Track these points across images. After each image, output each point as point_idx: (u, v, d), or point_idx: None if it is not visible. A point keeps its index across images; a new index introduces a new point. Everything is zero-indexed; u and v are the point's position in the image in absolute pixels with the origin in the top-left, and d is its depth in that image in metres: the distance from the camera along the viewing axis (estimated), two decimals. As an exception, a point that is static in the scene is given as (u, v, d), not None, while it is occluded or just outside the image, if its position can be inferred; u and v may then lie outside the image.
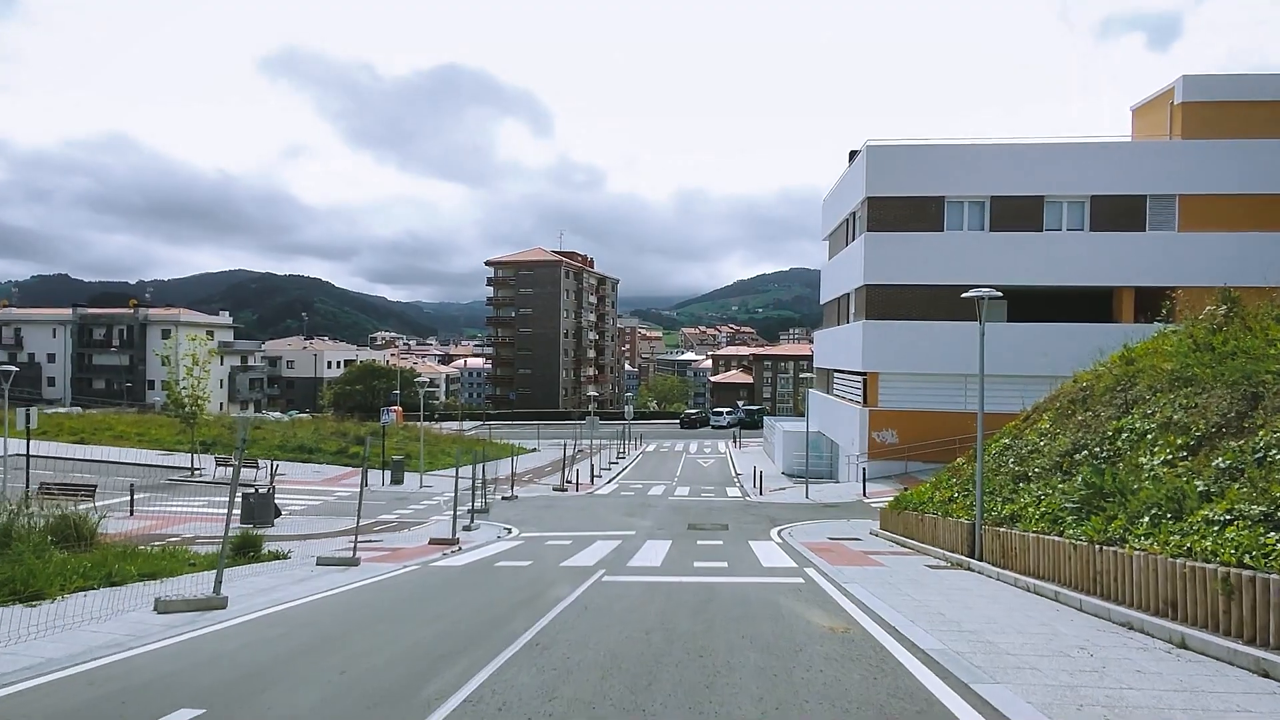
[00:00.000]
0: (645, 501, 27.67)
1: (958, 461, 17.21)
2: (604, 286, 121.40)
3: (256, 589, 9.83)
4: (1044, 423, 14.52)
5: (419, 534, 19.33)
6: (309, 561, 12.95)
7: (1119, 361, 13.62)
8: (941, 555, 13.42)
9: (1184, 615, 6.97)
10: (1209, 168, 29.25)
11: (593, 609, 8.68)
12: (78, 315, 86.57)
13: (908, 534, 16.28)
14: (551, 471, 39.58)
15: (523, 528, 20.99)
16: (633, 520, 22.08)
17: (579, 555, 14.49)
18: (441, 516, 22.76)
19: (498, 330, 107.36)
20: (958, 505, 13.94)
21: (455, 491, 18.46)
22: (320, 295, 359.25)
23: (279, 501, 25.11)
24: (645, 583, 10.90)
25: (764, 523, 21.47)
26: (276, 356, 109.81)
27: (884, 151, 31.05)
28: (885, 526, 18.36)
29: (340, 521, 22.62)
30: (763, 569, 12.55)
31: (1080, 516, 9.56)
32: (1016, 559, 10.71)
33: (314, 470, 33.51)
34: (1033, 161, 30.23)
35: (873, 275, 31.02)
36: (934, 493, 15.95)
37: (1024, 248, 30.12)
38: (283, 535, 18.67)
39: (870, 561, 13.31)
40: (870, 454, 30.78)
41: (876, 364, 31.13)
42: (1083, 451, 11.56)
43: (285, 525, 21.26)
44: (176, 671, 6.10)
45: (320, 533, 19.83)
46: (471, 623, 8.04)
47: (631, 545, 16.16)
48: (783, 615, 8.22)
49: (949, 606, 8.73)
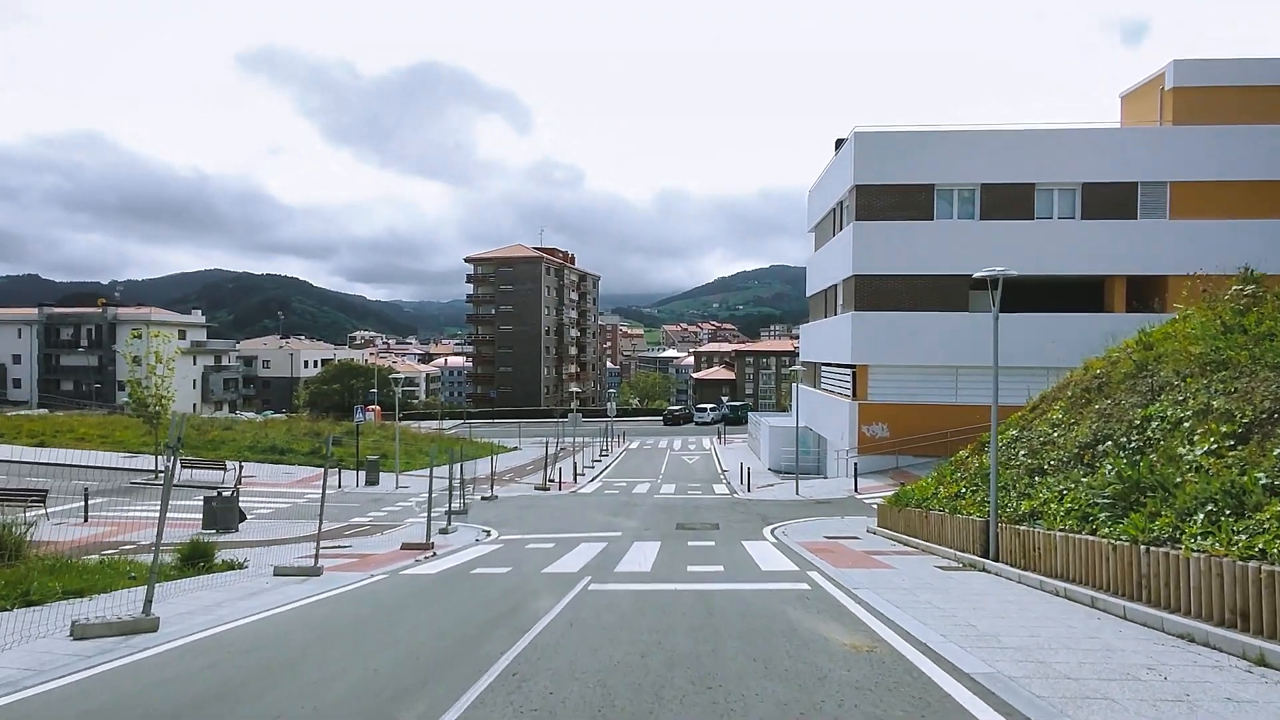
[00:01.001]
0: (630, 500, 26.67)
1: (960, 455, 16.36)
2: (585, 283, 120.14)
3: (199, 606, 8.72)
4: (1055, 412, 13.69)
5: (392, 538, 18.21)
6: (268, 571, 11.84)
7: (1136, 346, 12.78)
8: (951, 555, 12.53)
9: (1260, 627, 6.08)
10: (1200, 154, 28.69)
11: (579, 625, 7.66)
12: (44, 315, 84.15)
13: (910, 532, 15.40)
14: (533, 470, 38.49)
15: (503, 530, 19.93)
16: (618, 520, 21.07)
17: (562, 560, 13.47)
18: (417, 519, 21.63)
19: (478, 328, 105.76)
20: (967, 501, 13.06)
21: (430, 493, 17.35)
22: (298, 295, 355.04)
23: (245, 505, 23.89)
24: (636, 591, 9.90)
25: (755, 521, 20.55)
26: (252, 356, 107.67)
27: (872, 138, 30.22)
28: (884, 524, 17.49)
29: (310, 526, 21.41)
30: (762, 573, 11.58)
31: (1115, 513, 8.68)
32: (1040, 560, 9.82)
33: (285, 472, 32.20)
34: (1023, 149, 29.53)
35: (861, 265, 30.20)
36: (938, 488, 15.08)
37: (1015, 236, 29.42)
38: (246, 541, 17.49)
39: (876, 563, 12.39)
40: (860, 449, 29.98)
41: (866, 356, 30.32)
42: (1106, 442, 10.70)
43: (251, 530, 20.02)
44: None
45: (287, 538, 18.65)
46: (440, 645, 7.00)
47: (618, 548, 15.17)
48: (796, 630, 7.24)
49: (978, 616, 7.80)
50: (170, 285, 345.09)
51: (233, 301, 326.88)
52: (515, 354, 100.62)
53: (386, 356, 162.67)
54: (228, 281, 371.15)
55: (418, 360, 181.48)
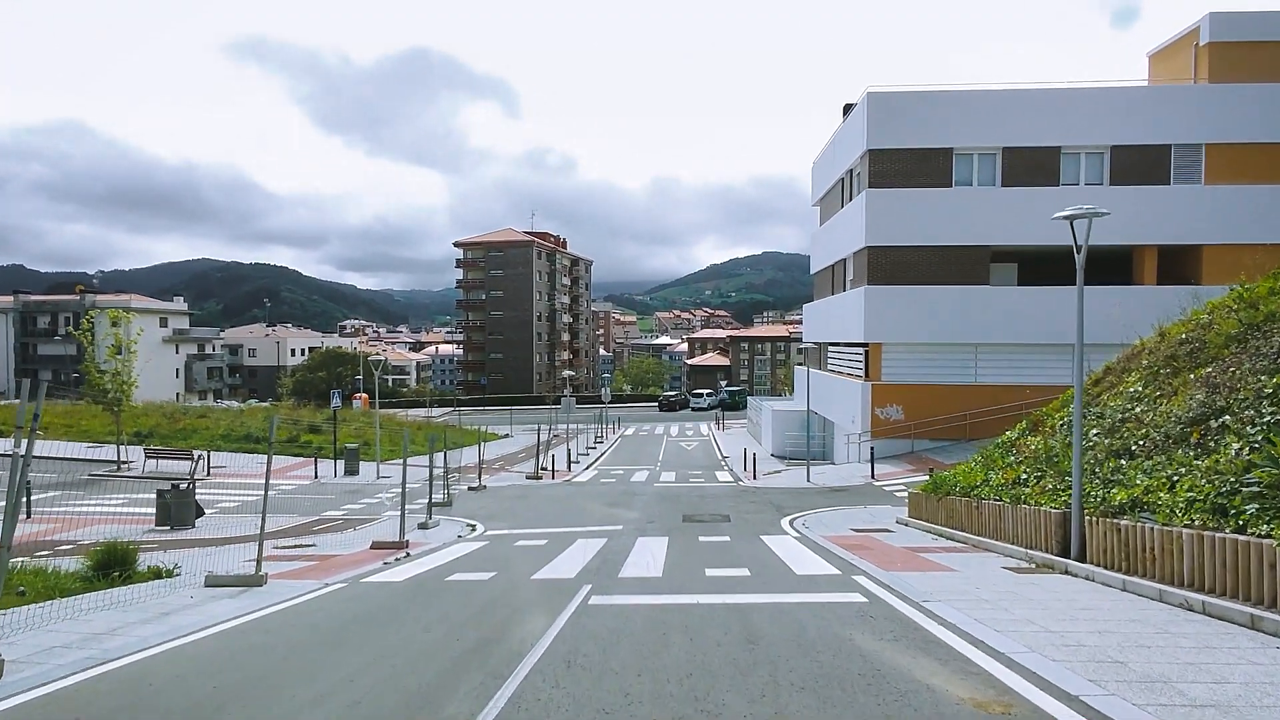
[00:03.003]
0: (629, 489, 24.68)
1: (1007, 435, 14.40)
2: (578, 268, 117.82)
3: (77, 637, 6.65)
4: (1129, 385, 11.72)
5: (364, 535, 16.16)
6: (203, 579, 9.78)
7: (1237, 305, 10.78)
8: (1018, 553, 10.55)
9: None
10: (1239, 114, 26.64)
11: (579, 666, 5.65)
12: (20, 303, 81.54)
13: (954, 524, 13.44)
14: (525, 458, 36.46)
15: (490, 523, 17.93)
16: (618, 512, 19.08)
17: (556, 561, 11.47)
18: (397, 512, 19.60)
19: (468, 314, 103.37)
20: (1033, 489, 11.06)
21: (404, 485, 15.28)
22: (287, 284, 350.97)
23: (211, 498, 21.83)
24: (649, 606, 7.90)
25: (769, 511, 18.58)
26: (237, 345, 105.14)
27: (886, 99, 28.08)
28: (918, 515, 15.54)
29: (277, 520, 19.39)
30: (797, 578, 9.60)
31: (1273, 505, 6.71)
32: (1156, 563, 7.85)
33: (259, 461, 30.05)
34: (1048, 109, 27.45)
35: (875, 236, 28.13)
36: (986, 474, 13.11)
37: (1039, 204, 27.39)
38: (197, 540, 15.45)
39: (929, 564, 10.42)
40: (873, 432, 28.04)
41: (879, 334, 28.30)
42: (1223, 416, 8.74)
43: (210, 526, 17.94)
44: None
45: (247, 535, 16.55)
46: (383, 706, 4.98)
47: (620, 544, 13.18)
48: (881, 674, 5.23)
49: (1115, 644, 5.82)
50: (158, 275, 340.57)
51: (221, 291, 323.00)
52: (506, 340, 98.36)
53: (377, 345, 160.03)
54: (216, 271, 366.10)
55: (408, 349, 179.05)
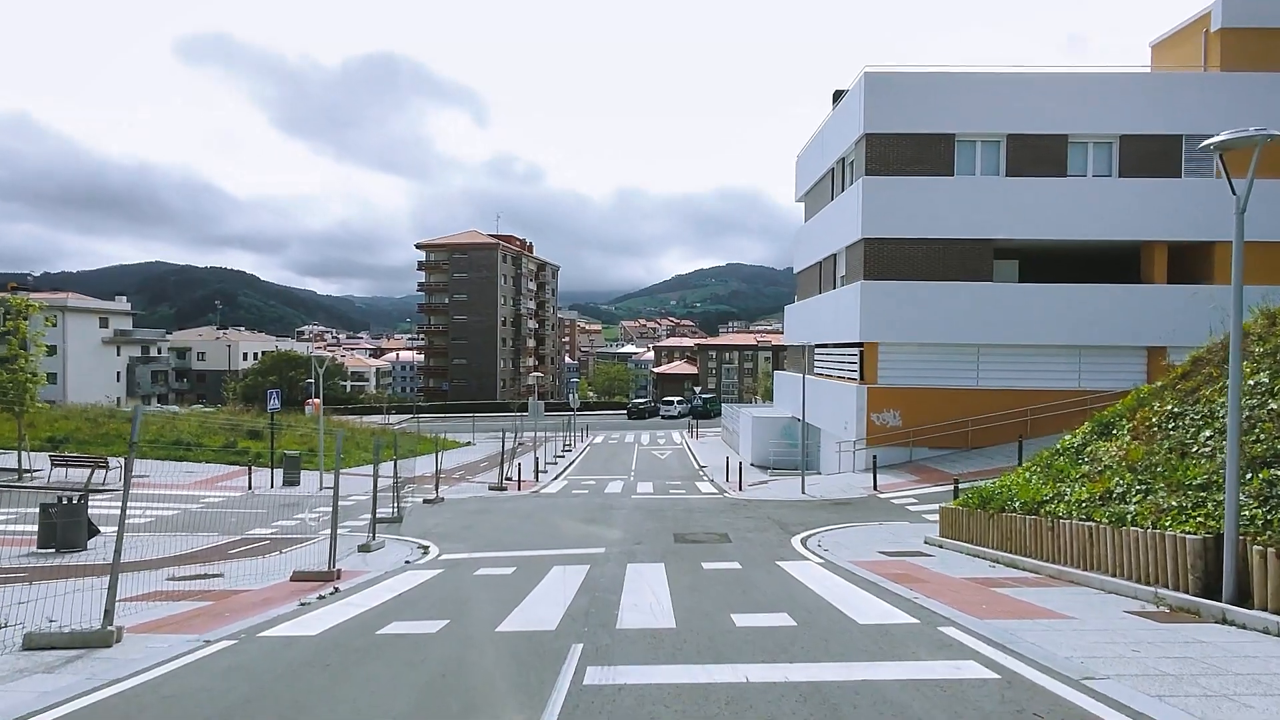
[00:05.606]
0: (605, 502, 21.98)
1: (1067, 440, 12.05)
2: (544, 273, 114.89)
3: None
4: (1246, 376, 9.44)
5: (289, 561, 13.26)
6: (31, 637, 6.91)
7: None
8: (1144, 593, 8.10)
9: None
10: (1255, 104, 24.96)
11: None
12: (-56, 301, 76.21)
13: (1012, 547, 11.04)
14: (487, 467, 33.56)
15: (446, 544, 15.16)
16: (597, 530, 16.40)
17: (529, 601, 8.78)
18: (339, 529, 16.69)
19: (430, 318, 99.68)
20: (1144, 507, 8.67)
21: (335, 501, 12.40)
22: (245, 289, 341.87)
23: (103, 513, 18.38)
24: (676, 688, 5.29)
25: (773, 529, 16.06)
26: (186, 348, 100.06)
27: (885, 80, 25.95)
28: (955, 535, 13.14)
29: (194, 540, 16.38)
30: (860, 628, 7.04)
31: None
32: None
33: (186, 470, 26.75)
34: (1055, 95, 25.59)
35: (872, 227, 25.93)
36: (1059, 487, 10.71)
37: (1045, 196, 25.51)
38: (83, 567, 12.47)
39: (1023, 605, 7.93)
40: (869, 439, 25.78)
41: (876, 333, 26.06)
42: None
43: (107, 548, 14.86)
44: None
45: (149, 559, 13.59)
46: None
47: (608, 575, 10.52)
48: None
49: None
50: (107, 277, 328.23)
51: (176, 295, 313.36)
52: (470, 345, 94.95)
53: (335, 350, 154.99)
54: (170, 274, 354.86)
55: (369, 355, 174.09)
